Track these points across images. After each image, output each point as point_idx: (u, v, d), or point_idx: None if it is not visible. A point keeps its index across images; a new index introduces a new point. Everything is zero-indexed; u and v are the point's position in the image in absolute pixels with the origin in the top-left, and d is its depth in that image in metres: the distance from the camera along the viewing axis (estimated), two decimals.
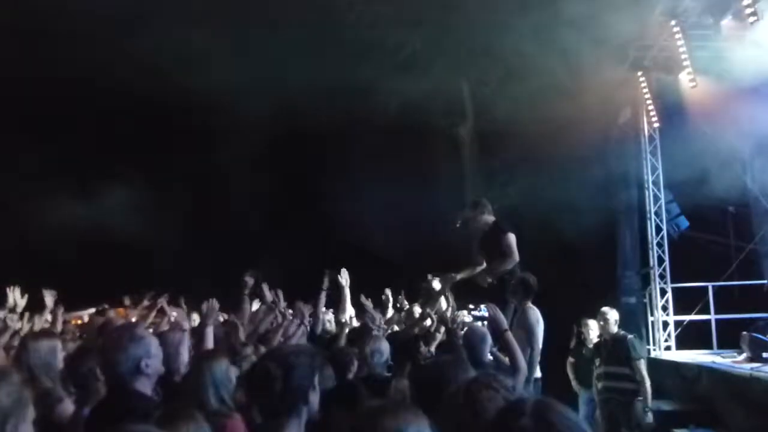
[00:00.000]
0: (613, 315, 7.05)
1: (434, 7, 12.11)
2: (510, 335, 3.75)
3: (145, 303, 6.23)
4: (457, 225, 6.24)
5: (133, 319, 5.78)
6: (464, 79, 12.63)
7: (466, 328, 4.62)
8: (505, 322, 3.81)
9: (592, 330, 7.49)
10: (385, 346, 4.32)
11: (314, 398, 2.34)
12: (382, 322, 5.72)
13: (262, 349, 4.02)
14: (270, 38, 11.84)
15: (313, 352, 3.25)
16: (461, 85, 12.74)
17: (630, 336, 6.95)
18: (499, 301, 5.11)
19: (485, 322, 4.02)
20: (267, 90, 11.91)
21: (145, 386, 2.82)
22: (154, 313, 6.05)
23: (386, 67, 12.56)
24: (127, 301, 6.89)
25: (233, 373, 3.15)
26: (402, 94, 12.63)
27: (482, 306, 4.19)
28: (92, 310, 6.95)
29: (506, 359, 4.05)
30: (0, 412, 1.70)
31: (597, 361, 7.08)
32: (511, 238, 5.99)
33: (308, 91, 11.77)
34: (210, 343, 3.96)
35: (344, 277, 6.04)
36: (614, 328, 6.98)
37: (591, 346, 7.45)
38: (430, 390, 2.54)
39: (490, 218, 6.27)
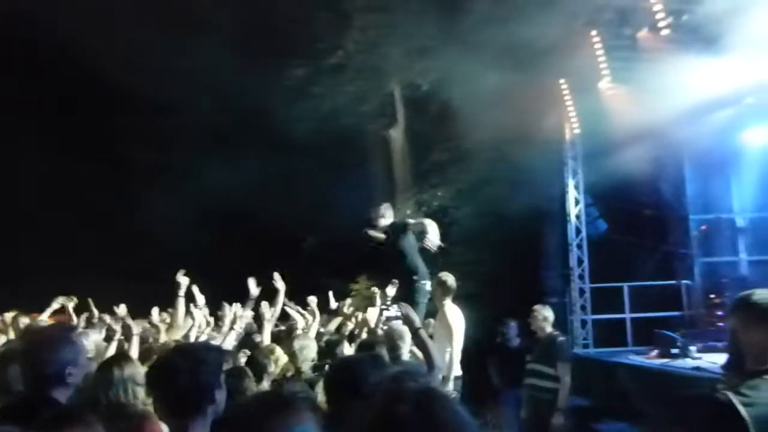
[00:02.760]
0: (544, 312, 7.05)
1: (367, 10, 12.15)
2: (423, 333, 3.76)
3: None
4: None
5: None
6: (395, 83, 12.70)
7: (386, 327, 4.62)
8: (417, 321, 3.82)
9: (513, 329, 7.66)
10: (313, 346, 4.29)
11: (220, 397, 2.23)
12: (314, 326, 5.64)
13: None
14: (199, 37, 11.57)
15: (223, 350, 3.17)
16: (392, 88, 12.81)
17: (561, 338, 6.96)
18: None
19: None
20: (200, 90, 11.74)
21: (63, 397, 2.56)
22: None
23: (317, 69, 12.52)
24: None
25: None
26: (333, 96, 12.62)
27: (394, 306, 4.18)
28: None
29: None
30: None
31: (528, 357, 7.16)
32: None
33: (237, 91, 11.61)
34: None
35: (279, 282, 5.84)
36: (548, 327, 6.97)
37: (513, 345, 7.60)
38: (344, 388, 2.50)
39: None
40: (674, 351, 8.16)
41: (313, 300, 6.16)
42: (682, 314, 10.08)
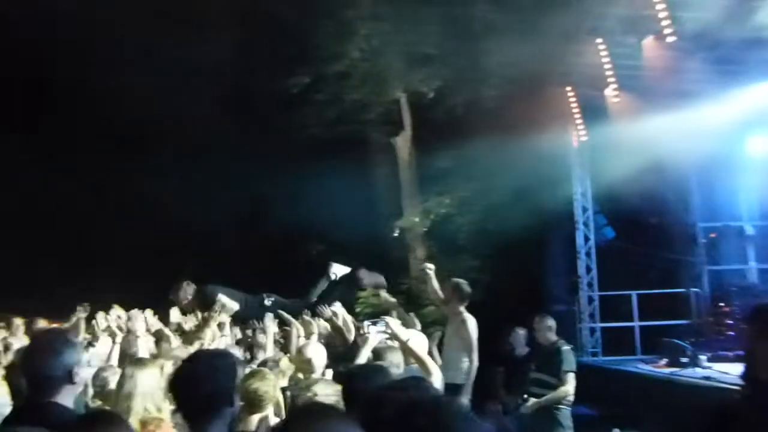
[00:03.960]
0: (547, 322, 7.02)
1: (371, 18, 12.19)
2: (411, 345, 3.75)
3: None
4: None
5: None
6: (401, 90, 12.73)
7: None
8: (404, 334, 3.80)
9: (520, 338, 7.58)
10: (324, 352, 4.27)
11: (237, 400, 2.37)
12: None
13: None
14: (202, 43, 11.64)
15: (234, 356, 3.23)
16: (398, 95, 12.83)
17: (566, 347, 6.90)
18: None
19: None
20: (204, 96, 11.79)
21: (69, 400, 2.56)
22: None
23: (321, 76, 12.56)
24: None
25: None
26: (337, 103, 12.66)
27: (380, 320, 4.17)
28: None
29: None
30: None
31: (532, 366, 7.11)
32: None
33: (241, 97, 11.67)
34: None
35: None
36: (552, 336, 6.93)
37: (521, 353, 7.53)
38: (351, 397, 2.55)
39: None
40: (683, 360, 8.09)
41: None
42: (690, 323, 9.99)
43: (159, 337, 4.31)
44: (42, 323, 5.43)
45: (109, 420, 2.19)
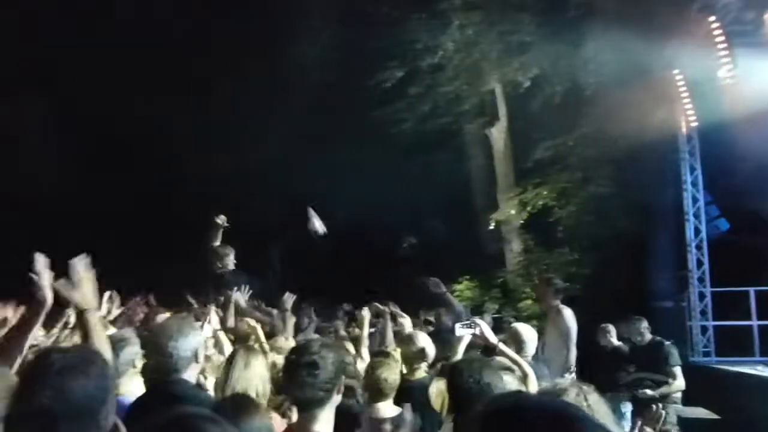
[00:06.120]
0: (642, 324, 6.88)
1: (464, 8, 12.06)
2: (503, 347, 3.69)
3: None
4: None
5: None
6: (496, 80, 12.49)
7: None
8: (493, 337, 3.74)
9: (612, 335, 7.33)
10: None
11: (342, 389, 2.51)
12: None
13: None
14: (296, 38, 11.99)
15: (342, 347, 3.43)
16: (493, 85, 12.60)
17: (667, 342, 6.76)
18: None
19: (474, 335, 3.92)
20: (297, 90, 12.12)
21: (193, 378, 2.88)
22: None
23: (415, 69, 12.58)
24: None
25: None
26: (431, 96, 12.63)
27: (470, 320, 4.11)
28: None
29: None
30: (92, 400, 1.75)
31: (631, 368, 6.91)
32: None
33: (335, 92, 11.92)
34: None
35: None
36: (647, 335, 6.81)
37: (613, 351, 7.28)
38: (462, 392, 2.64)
39: None
40: None
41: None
42: None
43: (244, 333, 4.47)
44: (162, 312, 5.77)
45: (252, 406, 2.41)
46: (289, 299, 4.99)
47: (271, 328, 4.94)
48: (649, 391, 6.39)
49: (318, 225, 6.81)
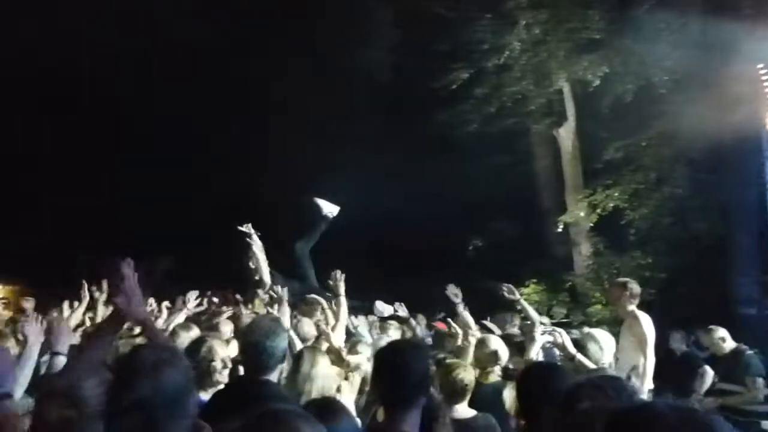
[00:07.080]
0: (721, 332, 6.54)
1: (530, 7, 11.86)
2: (581, 356, 3.59)
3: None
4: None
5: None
6: (563, 80, 12.21)
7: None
8: (572, 348, 3.65)
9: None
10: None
11: (430, 388, 2.53)
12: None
13: None
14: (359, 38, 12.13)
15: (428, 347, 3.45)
16: (560, 85, 12.33)
17: (749, 352, 6.42)
18: None
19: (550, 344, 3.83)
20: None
21: (276, 377, 2.96)
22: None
23: (481, 70, 12.47)
24: None
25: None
26: (497, 97, 12.49)
27: (551, 329, 4.03)
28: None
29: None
30: (182, 390, 1.88)
31: (714, 379, 6.62)
32: None
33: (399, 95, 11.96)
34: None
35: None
36: (729, 344, 6.47)
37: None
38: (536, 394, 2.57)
39: None
40: None
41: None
42: None
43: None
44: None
45: (339, 407, 2.45)
46: (340, 283, 4.79)
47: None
48: (710, 399, 6.12)
49: (327, 209, 6.84)
